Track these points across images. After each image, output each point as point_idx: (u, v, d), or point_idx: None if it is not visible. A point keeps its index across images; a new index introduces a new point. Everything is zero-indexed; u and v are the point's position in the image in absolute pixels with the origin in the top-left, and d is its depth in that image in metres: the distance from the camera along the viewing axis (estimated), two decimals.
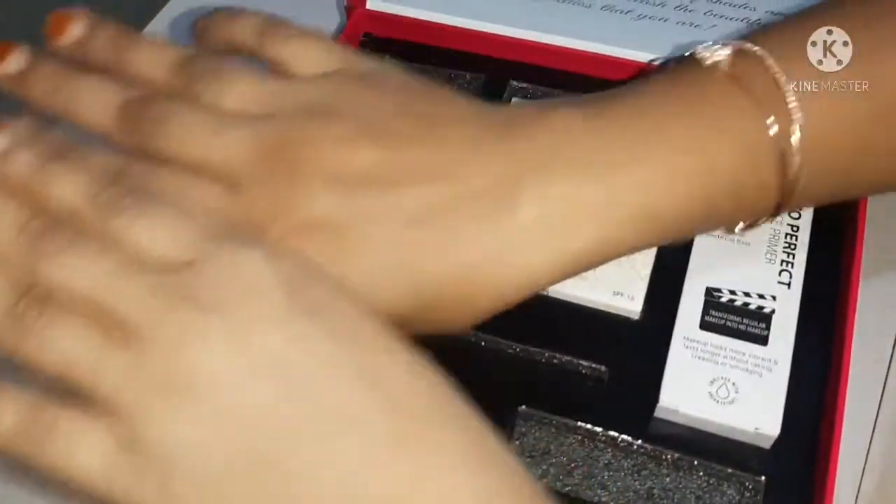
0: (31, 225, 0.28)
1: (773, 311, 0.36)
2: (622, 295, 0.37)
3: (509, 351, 0.37)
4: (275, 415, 0.25)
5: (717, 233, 0.37)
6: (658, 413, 0.35)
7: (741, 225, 0.34)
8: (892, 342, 0.39)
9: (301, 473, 0.25)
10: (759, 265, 0.37)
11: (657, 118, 0.31)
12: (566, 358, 0.37)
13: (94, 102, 0.32)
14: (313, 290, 0.27)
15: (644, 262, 0.38)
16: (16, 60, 0.33)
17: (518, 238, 0.29)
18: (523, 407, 0.36)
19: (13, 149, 0.29)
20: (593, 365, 0.37)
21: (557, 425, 0.36)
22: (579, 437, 0.36)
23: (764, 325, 0.36)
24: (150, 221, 0.28)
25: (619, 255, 0.31)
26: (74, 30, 0.34)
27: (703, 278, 0.37)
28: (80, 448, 0.26)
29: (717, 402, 0.34)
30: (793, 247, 0.37)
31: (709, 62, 0.32)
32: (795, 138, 0.31)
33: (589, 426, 0.35)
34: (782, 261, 0.37)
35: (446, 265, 0.29)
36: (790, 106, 0.31)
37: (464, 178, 0.30)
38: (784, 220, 0.38)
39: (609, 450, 0.35)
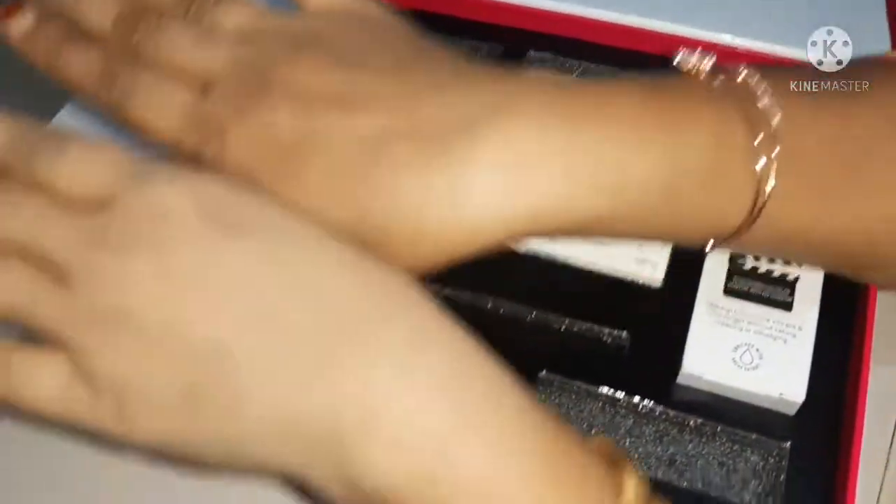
0: None
1: (797, 278, 0.35)
2: (645, 263, 0.37)
3: (530, 318, 0.37)
4: (204, 335, 0.26)
5: None
6: (681, 379, 0.34)
7: (711, 242, 0.32)
8: None
9: (245, 392, 0.25)
10: None
11: (631, 94, 0.30)
12: (587, 325, 0.37)
13: (93, 7, 0.33)
14: (234, 209, 0.27)
15: None
16: None
17: (471, 181, 0.28)
18: (543, 372, 0.36)
19: None
20: (614, 332, 0.36)
21: (578, 391, 0.35)
22: (600, 404, 0.35)
23: (788, 292, 0.35)
24: (69, 162, 0.28)
25: (572, 225, 0.29)
26: None
27: None
28: (35, 381, 0.27)
29: (741, 368, 0.34)
30: None
31: (689, 66, 0.31)
32: (772, 145, 0.30)
33: (610, 392, 0.35)
34: None
35: (390, 200, 0.28)
36: (768, 112, 0.30)
37: (423, 112, 0.29)
38: None
39: (631, 416, 0.35)
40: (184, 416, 0.26)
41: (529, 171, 0.28)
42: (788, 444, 0.33)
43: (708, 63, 0.31)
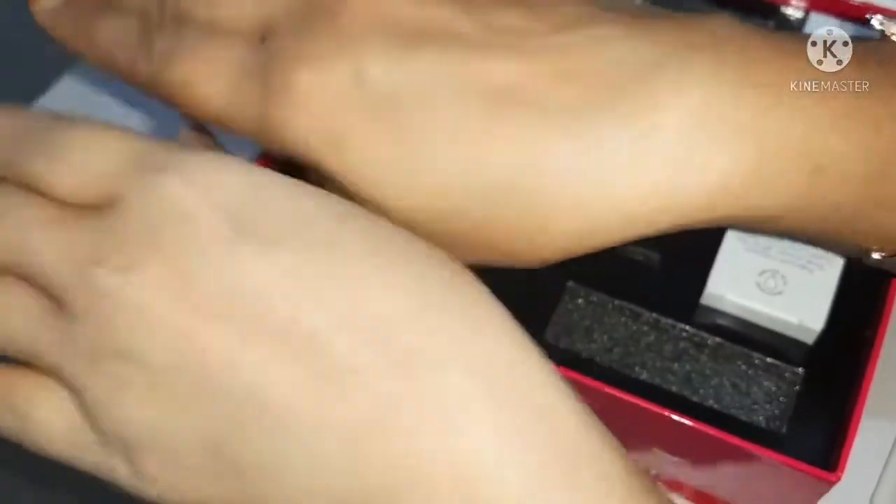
0: None
1: None
2: None
3: None
4: (235, 379, 0.21)
5: None
6: (704, 300, 0.35)
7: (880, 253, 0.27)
8: None
9: (284, 453, 0.21)
10: None
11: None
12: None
13: None
14: (271, 213, 0.22)
15: None
16: None
17: (645, 148, 0.22)
18: (571, 283, 0.37)
19: None
20: (646, 251, 0.37)
21: (603, 303, 0.36)
22: (623, 319, 0.36)
23: None
24: (69, 155, 0.22)
25: (751, 212, 0.24)
26: None
27: None
28: (39, 419, 0.23)
29: (764, 292, 0.34)
30: None
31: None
32: None
33: (634, 307, 0.36)
34: None
35: (516, 164, 0.23)
36: None
37: (577, 59, 0.23)
38: None
39: (652, 332, 0.36)
40: (206, 477, 0.21)
41: (717, 141, 0.23)
42: (802, 369, 0.34)
43: None
